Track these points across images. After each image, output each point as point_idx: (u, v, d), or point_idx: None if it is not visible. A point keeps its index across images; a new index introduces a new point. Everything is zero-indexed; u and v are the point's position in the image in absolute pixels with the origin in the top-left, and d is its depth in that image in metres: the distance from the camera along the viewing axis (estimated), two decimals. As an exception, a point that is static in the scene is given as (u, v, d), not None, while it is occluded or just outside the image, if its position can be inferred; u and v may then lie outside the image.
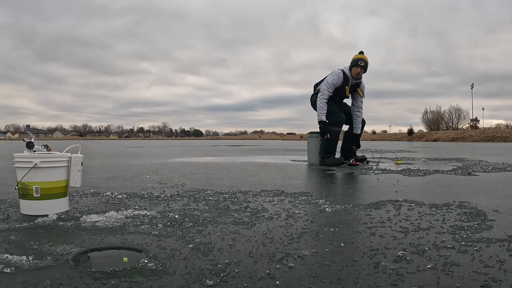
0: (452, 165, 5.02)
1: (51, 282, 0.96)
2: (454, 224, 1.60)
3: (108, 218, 1.67)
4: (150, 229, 1.50)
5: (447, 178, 3.43)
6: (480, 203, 2.10)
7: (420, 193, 2.49)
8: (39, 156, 1.76)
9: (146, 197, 2.29)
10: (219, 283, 0.96)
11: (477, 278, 0.99)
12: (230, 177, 3.44)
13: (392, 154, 7.67)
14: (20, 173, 1.76)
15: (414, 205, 2.04)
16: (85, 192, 2.46)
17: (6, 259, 1.11)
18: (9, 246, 1.26)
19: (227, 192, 2.48)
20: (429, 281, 0.97)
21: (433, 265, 1.09)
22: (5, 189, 2.63)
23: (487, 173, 3.92)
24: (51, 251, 1.21)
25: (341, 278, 1.00)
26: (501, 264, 1.10)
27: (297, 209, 1.93)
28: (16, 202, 2.03)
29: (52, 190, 1.78)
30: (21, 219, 1.68)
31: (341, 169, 4.30)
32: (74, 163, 1.86)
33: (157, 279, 0.98)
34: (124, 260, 1.14)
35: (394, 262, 1.12)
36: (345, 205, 2.04)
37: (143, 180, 3.11)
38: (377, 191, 2.56)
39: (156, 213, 1.81)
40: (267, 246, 1.28)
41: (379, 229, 1.51)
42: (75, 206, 2.00)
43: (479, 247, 1.26)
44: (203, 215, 1.76)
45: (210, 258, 1.15)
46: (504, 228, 1.53)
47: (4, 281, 0.96)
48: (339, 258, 1.15)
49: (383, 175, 3.63)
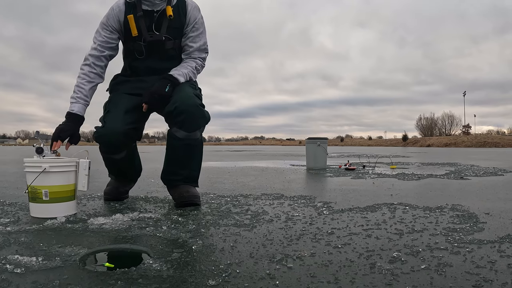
0: (445, 169, 5.02)
1: (60, 282, 0.96)
2: (447, 226, 1.60)
3: (114, 220, 1.67)
4: (154, 231, 1.50)
5: (440, 182, 3.43)
6: (472, 206, 2.10)
7: (414, 196, 2.49)
8: (48, 161, 1.76)
9: (151, 200, 2.29)
10: (221, 283, 0.96)
11: (469, 278, 0.99)
12: (231, 181, 3.45)
13: (388, 159, 7.67)
14: (30, 177, 1.76)
15: (409, 208, 2.04)
16: (92, 196, 2.46)
17: (17, 259, 1.11)
18: (20, 247, 1.26)
19: (229, 196, 2.48)
20: (423, 281, 0.97)
21: (426, 266, 1.09)
22: (15, 193, 2.63)
23: (478, 177, 3.92)
24: (59, 252, 1.21)
25: (338, 278, 1.00)
26: (492, 264, 1.10)
27: (296, 212, 1.93)
28: (26, 205, 2.03)
29: (60, 193, 1.79)
30: (31, 222, 1.68)
31: (339, 174, 4.30)
32: (81, 167, 1.86)
33: (161, 279, 0.98)
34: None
35: (389, 263, 1.11)
36: (342, 208, 2.04)
37: (148, 184, 3.11)
38: (373, 195, 2.56)
39: (160, 215, 1.81)
40: (267, 247, 1.28)
41: (375, 231, 1.51)
42: (82, 209, 2.01)
43: (471, 249, 1.26)
44: (206, 218, 1.76)
45: (212, 259, 1.15)
46: (495, 230, 1.53)
47: (14, 281, 0.96)
48: (337, 259, 1.15)
49: (378, 179, 3.63)
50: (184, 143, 2.04)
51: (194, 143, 2.07)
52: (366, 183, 3.33)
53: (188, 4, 2.17)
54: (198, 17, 2.19)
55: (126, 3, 2.10)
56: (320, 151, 5.18)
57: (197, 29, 2.17)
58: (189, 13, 2.15)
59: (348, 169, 4.86)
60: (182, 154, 2.07)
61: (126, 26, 2.09)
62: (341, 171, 4.69)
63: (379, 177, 3.88)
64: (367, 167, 5.31)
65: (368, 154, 10.81)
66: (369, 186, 3.06)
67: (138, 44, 2.10)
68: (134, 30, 2.06)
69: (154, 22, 2.08)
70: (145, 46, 2.09)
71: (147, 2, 2.07)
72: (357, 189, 2.89)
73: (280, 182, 3.37)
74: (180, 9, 2.13)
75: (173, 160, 2.11)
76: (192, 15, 2.16)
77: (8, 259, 1.12)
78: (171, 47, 2.13)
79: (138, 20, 2.07)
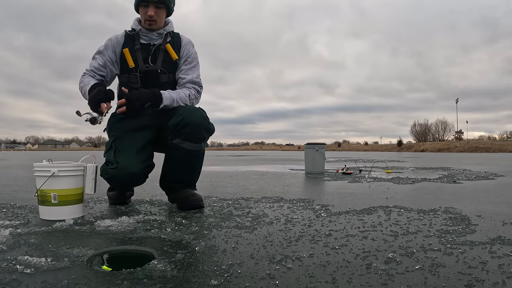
0: (438, 173, 5.01)
1: (68, 282, 0.96)
2: (440, 228, 1.60)
3: (120, 222, 1.67)
4: (159, 232, 1.50)
5: (434, 185, 3.43)
6: (464, 208, 2.10)
7: (409, 199, 2.49)
8: (57, 166, 1.77)
9: (155, 203, 2.29)
10: (223, 283, 0.96)
11: (461, 278, 0.99)
12: (233, 185, 3.44)
13: (383, 164, 7.66)
14: (39, 181, 1.77)
15: (403, 210, 2.04)
16: (99, 199, 2.46)
17: (27, 260, 1.12)
18: (29, 249, 1.26)
19: (231, 199, 2.48)
20: (417, 281, 0.97)
21: (420, 266, 1.09)
22: (25, 196, 2.63)
23: (470, 181, 3.92)
24: (68, 253, 1.21)
25: (335, 278, 1.00)
26: (483, 265, 1.10)
27: (295, 214, 1.93)
28: (35, 208, 2.04)
29: (68, 197, 1.79)
30: (40, 224, 1.68)
31: (336, 178, 4.29)
32: (89, 171, 1.87)
33: (166, 279, 0.98)
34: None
35: (385, 263, 1.12)
36: (339, 210, 2.04)
37: (153, 187, 3.11)
38: (369, 198, 2.56)
39: (165, 218, 1.81)
40: (268, 248, 1.28)
41: (371, 233, 1.51)
42: (90, 211, 2.01)
43: (463, 250, 1.26)
44: (208, 220, 1.76)
45: (214, 260, 1.15)
46: (486, 232, 1.53)
47: (24, 281, 0.97)
48: (334, 260, 1.15)
49: (374, 183, 3.62)
50: (189, 154, 2.02)
51: (198, 154, 2.06)
52: (363, 186, 3.33)
53: (183, 39, 2.21)
54: (192, 52, 2.20)
55: (126, 34, 2.12)
56: (318, 156, 5.18)
57: (190, 62, 2.17)
58: (183, 47, 2.18)
59: (345, 173, 4.86)
60: (186, 164, 2.07)
61: (122, 58, 2.09)
62: (339, 175, 4.69)
63: (375, 181, 3.87)
64: (363, 172, 5.30)
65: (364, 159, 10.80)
66: (365, 190, 3.06)
67: (134, 75, 2.08)
68: (131, 62, 2.06)
69: (150, 54, 2.10)
70: (140, 77, 2.07)
71: (145, 36, 2.10)
72: (354, 192, 2.89)
73: (279, 186, 3.37)
74: (175, 44, 2.16)
75: (176, 169, 2.09)
76: (186, 49, 2.18)
77: (18, 259, 1.13)
78: (166, 80, 2.12)
79: (135, 52, 2.09)
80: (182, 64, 2.16)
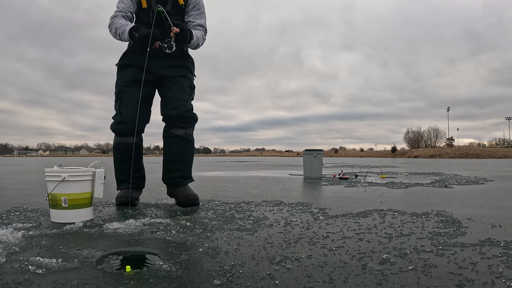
0: (430, 178, 5.01)
1: (78, 282, 0.96)
2: (432, 230, 1.59)
3: (127, 225, 1.67)
4: (164, 235, 1.50)
5: (426, 190, 3.42)
6: (455, 212, 2.10)
7: (402, 203, 2.48)
8: (67, 171, 1.77)
9: (161, 207, 2.29)
10: (225, 282, 0.96)
11: (452, 278, 0.99)
12: (235, 189, 3.44)
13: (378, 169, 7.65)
14: (50, 186, 1.77)
15: (397, 214, 2.04)
16: (107, 203, 2.46)
17: (38, 261, 1.12)
18: (41, 250, 1.26)
19: (233, 202, 2.48)
20: (411, 281, 0.97)
21: (414, 267, 1.09)
22: (37, 200, 2.63)
23: (461, 185, 3.91)
24: (77, 254, 1.21)
25: (333, 278, 1.00)
26: (473, 266, 1.10)
27: (294, 217, 1.93)
28: (46, 211, 2.04)
29: (78, 200, 1.79)
30: (51, 226, 1.68)
31: (333, 182, 4.29)
32: (97, 176, 1.87)
33: (171, 279, 0.98)
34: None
35: (379, 264, 1.11)
36: (336, 213, 2.04)
37: (159, 192, 3.11)
38: (364, 202, 2.55)
39: (170, 220, 1.81)
40: (268, 250, 1.28)
41: (366, 235, 1.51)
42: (98, 214, 2.01)
43: (455, 251, 1.26)
44: (211, 223, 1.76)
45: (217, 261, 1.15)
46: (476, 234, 1.53)
47: (36, 281, 0.97)
48: (331, 261, 1.15)
49: (370, 188, 3.62)
50: (181, 139, 2.27)
51: (189, 139, 2.31)
52: (358, 191, 3.32)
53: None
54: (200, 0, 2.36)
55: None
56: (316, 161, 5.18)
57: (198, 9, 2.34)
58: None
59: (342, 178, 4.85)
60: (180, 150, 2.29)
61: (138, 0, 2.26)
62: (335, 180, 4.69)
63: (370, 185, 3.87)
64: (359, 177, 5.30)
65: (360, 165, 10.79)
66: (361, 194, 3.05)
67: (147, 15, 2.23)
68: (144, 2, 2.24)
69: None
70: (152, 17, 2.17)
71: None
72: (350, 196, 2.88)
73: (279, 190, 3.36)
74: None
75: (172, 157, 2.31)
76: None
77: (30, 260, 1.13)
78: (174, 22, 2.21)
79: None
80: (191, 10, 2.33)
